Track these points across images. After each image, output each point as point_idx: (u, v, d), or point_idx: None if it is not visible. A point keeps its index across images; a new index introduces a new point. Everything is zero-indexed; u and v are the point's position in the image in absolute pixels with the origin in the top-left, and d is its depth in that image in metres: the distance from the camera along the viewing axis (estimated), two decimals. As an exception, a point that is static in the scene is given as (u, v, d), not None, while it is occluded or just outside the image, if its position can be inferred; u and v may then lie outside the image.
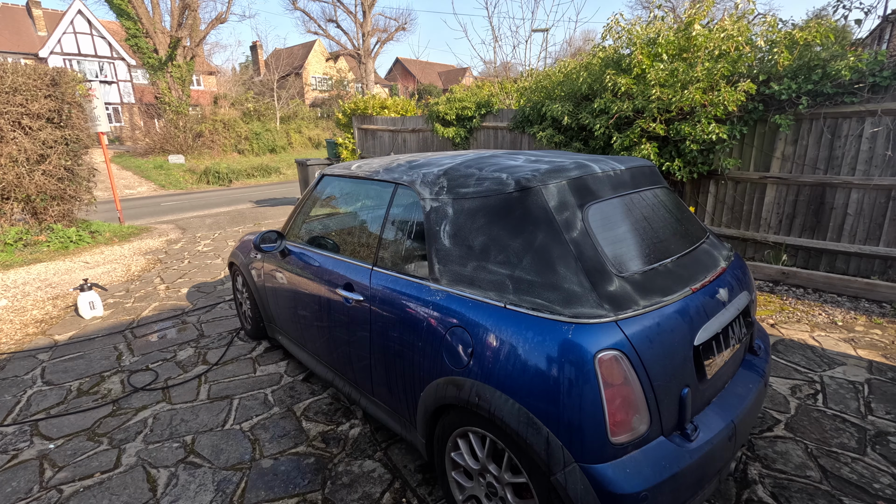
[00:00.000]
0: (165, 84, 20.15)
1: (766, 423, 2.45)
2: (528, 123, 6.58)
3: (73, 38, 26.54)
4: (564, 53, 18.74)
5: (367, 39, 26.09)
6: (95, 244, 7.21)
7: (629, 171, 1.91)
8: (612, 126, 4.98)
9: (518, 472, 1.55)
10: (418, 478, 2.16)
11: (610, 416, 1.33)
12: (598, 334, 1.36)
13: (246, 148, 22.50)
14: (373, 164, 2.42)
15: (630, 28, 4.84)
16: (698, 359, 1.53)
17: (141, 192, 16.16)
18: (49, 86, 6.61)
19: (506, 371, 1.47)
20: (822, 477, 2.08)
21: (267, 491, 2.11)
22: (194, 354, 3.47)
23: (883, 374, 2.89)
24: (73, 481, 2.21)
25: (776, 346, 3.29)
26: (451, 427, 1.73)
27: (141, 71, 27.82)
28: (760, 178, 4.59)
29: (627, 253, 1.61)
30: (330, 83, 34.16)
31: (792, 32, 4.21)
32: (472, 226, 1.71)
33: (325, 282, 2.36)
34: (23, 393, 3.01)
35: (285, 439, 2.47)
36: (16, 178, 6.44)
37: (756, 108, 4.40)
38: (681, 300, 1.55)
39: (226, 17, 21.46)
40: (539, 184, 1.62)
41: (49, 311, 4.47)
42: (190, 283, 5.21)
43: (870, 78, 3.86)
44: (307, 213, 2.82)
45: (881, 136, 3.92)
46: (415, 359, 1.83)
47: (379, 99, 10.30)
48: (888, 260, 4.04)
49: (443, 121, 7.99)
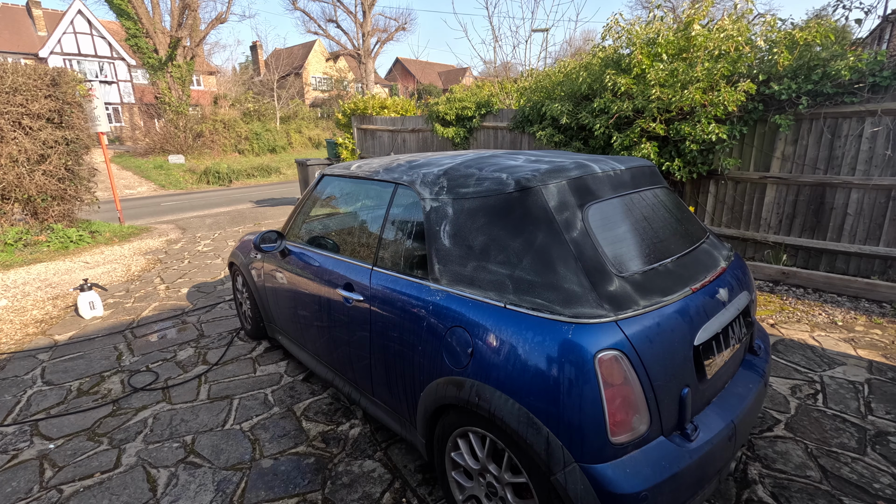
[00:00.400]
0: (165, 84, 20.15)
1: (766, 423, 2.45)
2: (528, 123, 6.58)
3: (73, 38, 26.54)
4: (564, 53, 18.75)
5: (367, 39, 26.09)
6: (95, 244, 7.21)
7: (629, 171, 1.91)
8: (612, 126, 4.98)
9: (518, 472, 1.55)
10: (418, 478, 2.16)
11: (610, 416, 1.33)
12: (598, 334, 1.36)
13: (246, 148, 22.50)
14: (373, 164, 2.42)
15: (630, 28, 4.84)
16: (698, 359, 1.53)
17: (141, 192, 16.16)
18: (49, 86, 6.61)
19: (506, 371, 1.47)
20: (822, 477, 2.08)
21: (267, 491, 2.11)
22: (194, 354, 3.48)
23: (883, 374, 2.89)
24: (73, 481, 2.21)
25: (776, 346, 3.29)
26: (451, 427, 1.73)
27: (141, 71, 27.81)
28: (760, 178, 4.59)
29: (627, 253, 1.61)
30: (330, 83, 34.16)
31: (792, 32, 4.21)
32: (472, 226, 1.71)
33: (325, 282, 2.36)
34: (23, 393, 3.01)
35: (285, 439, 2.47)
36: (16, 178, 6.44)
37: (756, 108, 4.40)
38: (681, 300, 1.55)
39: (226, 17, 21.46)
40: (539, 184, 1.62)
41: (49, 311, 4.47)
42: (190, 283, 5.21)
43: (870, 78, 3.86)
44: (307, 213, 2.82)
45: (881, 136, 3.92)
46: (415, 359, 1.83)
47: (379, 99, 10.30)
48: (888, 260, 4.04)
49: (443, 121, 7.98)
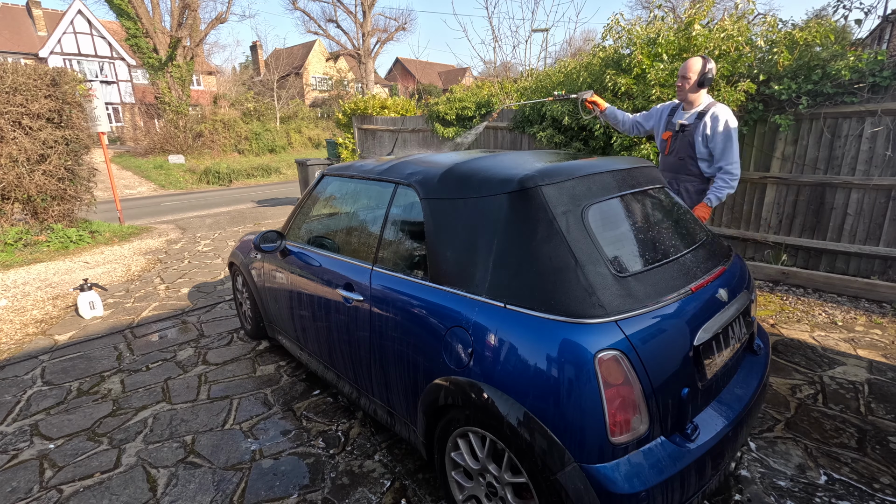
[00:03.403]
0: (165, 84, 20.15)
1: (766, 423, 2.45)
2: (528, 123, 6.57)
3: (73, 38, 26.55)
4: (564, 53, 18.73)
5: (367, 39, 26.09)
6: (95, 244, 7.21)
7: (629, 171, 1.91)
8: (612, 126, 4.98)
9: (518, 472, 1.55)
10: (418, 478, 2.16)
11: (610, 417, 1.33)
12: (597, 334, 1.36)
13: (246, 148, 22.50)
14: (373, 163, 2.42)
15: (630, 28, 4.84)
16: (698, 359, 1.53)
17: (141, 192, 16.16)
18: (49, 86, 6.61)
19: (506, 371, 1.47)
20: (822, 477, 2.08)
21: (267, 491, 2.11)
22: (194, 354, 3.48)
23: (883, 374, 2.89)
24: (73, 481, 2.21)
25: (776, 346, 3.29)
26: (451, 427, 1.73)
27: (141, 71, 27.81)
28: (760, 178, 4.59)
29: (627, 253, 1.61)
30: (330, 83, 34.15)
31: (792, 32, 4.21)
32: (471, 226, 1.71)
33: (324, 282, 2.36)
34: (23, 393, 3.01)
35: (285, 439, 2.47)
36: (16, 178, 6.44)
37: (756, 107, 4.40)
38: (681, 300, 1.55)
39: (226, 17, 21.48)
40: (539, 184, 1.61)
41: (49, 311, 4.47)
42: (190, 283, 5.21)
43: (870, 78, 3.85)
44: (307, 213, 2.81)
45: (881, 136, 3.92)
46: (415, 359, 1.83)
47: (379, 99, 10.30)
48: (888, 260, 4.04)
49: (443, 121, 7.98)
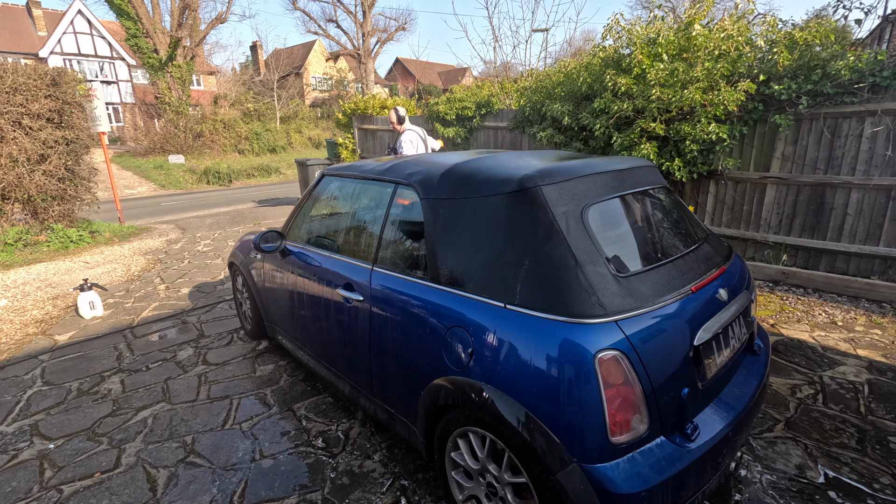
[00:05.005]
0: (165, 84, 20.13)
1: (766, 423, 2.45)
2: (528, 123, 6.58)
3: (73, 38, 26.54)
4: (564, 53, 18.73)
5: (367, 39, 26.08)
6: (95, 244, 7.21)
7: (629, 171, 1.91)
8: (612, 126, 4.98)
9: (518, 472, 1.55)
10: (418, 478, 2.16)
11: (610, 416, 1.33)
12: (597, 334, 1.36)
13: (246, 148, 22.50)
14: (373, 163, 2.42)
15: (630, 28, 4.84)
16: (698, 358, 1.53)
17: (141, 192, 16.16)
18: (49, 86, 6.61)
19: (506, 371, 1.47)
20: (822, 477, 2.08)
21: (267, 491, 2.11)
22: (194, 354, 3.47)
23: (883, 374, 2.89)
24: (73, 481, 2.21)
25: (776, 346, 3.29)
26: (451, 427, 1.73)
27: (141, 71, 27.80)
28: (760, 178, 4.59)
29: (627, 253, 1.61)
30: (330, 83, 34.13)
31: (792, 32, 4.21)
32: (472, 226, 1.71)
33: (325, 282, 2.36)
34: (23, 393, 3.01)
35: (285, 439, 2.47)
36: (16, 178, 6.44)
37: (756, 107, 4.40)
38: (681, 300, 1.55)
39: (226, 17, 21.45)
40: (539, 184, 1.61)
41: (49, 311, 4.47)
42: (190, 283, 5.21)
43: (870, 78, 3.85)
44: (307, 213, 2.81)
45: (881, 136, 3.92)
46: (415, 358, 1.83)
47: (379, 99, 10.30)
48: (888, 260, 4.03)
49: (443, 121, 7.99)
